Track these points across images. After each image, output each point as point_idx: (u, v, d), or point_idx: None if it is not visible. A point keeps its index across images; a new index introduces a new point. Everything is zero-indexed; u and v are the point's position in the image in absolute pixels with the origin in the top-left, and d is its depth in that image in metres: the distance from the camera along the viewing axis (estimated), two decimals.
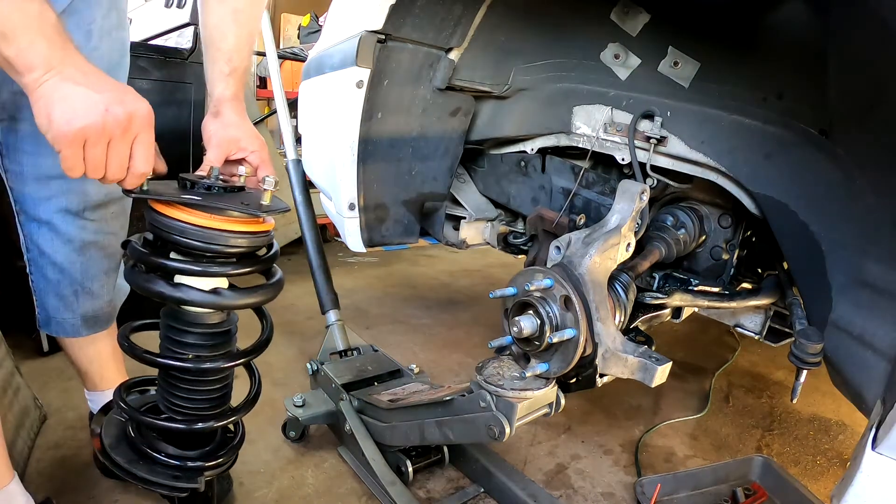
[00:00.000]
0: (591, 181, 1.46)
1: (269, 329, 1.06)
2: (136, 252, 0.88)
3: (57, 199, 1.12)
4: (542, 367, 1.01)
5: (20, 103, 1.07)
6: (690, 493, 1.42)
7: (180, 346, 0.95)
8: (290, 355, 2.12)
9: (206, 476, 0.99)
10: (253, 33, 1.04)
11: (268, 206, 0.86)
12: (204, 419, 1.00)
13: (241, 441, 1.10)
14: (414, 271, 3.39)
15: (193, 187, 0.86)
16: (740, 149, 1.12)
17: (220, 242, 0.85)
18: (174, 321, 0.94)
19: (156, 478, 0.97)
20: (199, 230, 0.83)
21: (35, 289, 1.22)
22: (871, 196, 0.92)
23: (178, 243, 0.84)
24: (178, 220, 0.83)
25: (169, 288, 0.86)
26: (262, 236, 0.91)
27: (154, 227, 0.86)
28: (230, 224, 0.85)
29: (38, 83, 0.71)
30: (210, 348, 0.96)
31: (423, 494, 1.41)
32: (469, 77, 1.46)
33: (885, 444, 0.74)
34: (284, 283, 1.00)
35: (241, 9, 1.00)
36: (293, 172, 1.90)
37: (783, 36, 1.02)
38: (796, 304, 1.08)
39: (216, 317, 0.96)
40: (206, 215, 0.83)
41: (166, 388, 0.99)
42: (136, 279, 0.88)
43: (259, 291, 0.94)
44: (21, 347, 1.85)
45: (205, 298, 0.87)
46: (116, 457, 0.98)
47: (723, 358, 2.36)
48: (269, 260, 0.97)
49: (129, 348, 0.96)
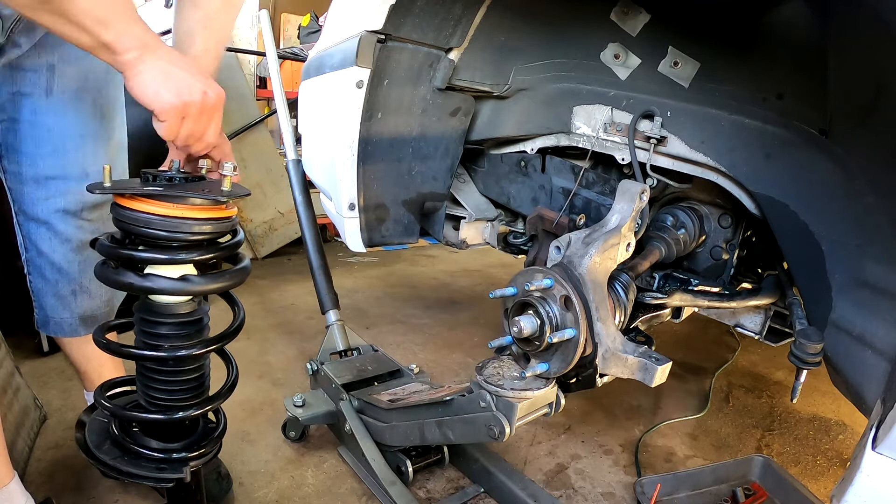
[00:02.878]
0: (591, 181, 1.46)
1: (241, 315, 1.07)
2: (105, 247, 0.90)
3: (55, 199, 1.12)
4: (542, 367, 1.01)
5: (20, 104, 1.07)
6: (690, 493, 1.42)
7: (154, 337, 0.97)
8: (290, 355, 2.12)
9: (191, 466, 1.00)
10: (222, 41, 1.07)
11: (228, 191, 0.88)
12: (183, 409, 1.01)
13: (224, 430, 1.11)
14: (414, 271, 3.39)
15: (155, 180, 0.89)
16: (740, 149, 1.12)
17: (184, 230, 0.87)
18: (147, 314, 0.97)
19: (141, 471, 0.98)
20: (162, 220, 0.85)
21: (33, 289, 1.22)
22: (871, 196, 0.92)
23: (144, 235, 0.87)
24: (142, 211, 0.85)
25: (138, 278, 0.88)
26: (225, 222, 0.93)
27: (120, 221, 0.88)
28: (192, 211, 0.87)
29: (139, 61, 0.81)
30: (183, 338, 0.98)
31: (423, 494, 1.41)
32: (469, 77, 1.46)
33: (885, 444, 0.74)
34: (251, 268, 1.02)
35: (213, 16, 1.02)
36: (293, 172, 1.90)
37: (783, 36, 1.02)
38: (796, 304, 1.08)
39: (187, 306, 0.98)
40: (168, 205, 0.86)
41: (145, 383, 1.01)
42: (107, 273, 0.90)
43: (225, 276, 0.96)
44: (21, 347, 1.85)
45: (174, 286, 0.89)
46: (102, 455, 1.00)
47: (723, 358, 2.36)
48: (234, 245, 0.98)
49: (104, 345, 0.98)
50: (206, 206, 0.89)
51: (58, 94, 1.08)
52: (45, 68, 1.06)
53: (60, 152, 1.11)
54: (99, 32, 0.77)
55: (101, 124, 1.16)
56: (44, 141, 1.09)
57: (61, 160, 1.11)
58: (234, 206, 0.96)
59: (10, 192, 1.15)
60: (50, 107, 1.08)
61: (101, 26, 0.77)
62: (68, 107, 1.10)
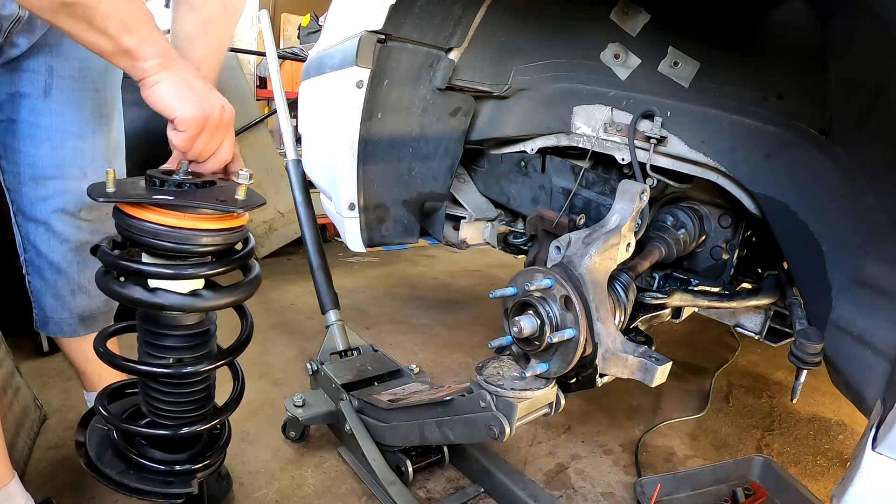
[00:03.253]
0: (591, 181, 1.46)
1: (250, 327, 1.03)
2: (107, 257, 0.84)
3: (53, 199, 1.12)
4: (542, 367, 1.01)
5: (18, 104, 1.07)
6: (690, 493, 1.42)
7: (159, 349, 0.92)
8: (290, 355, 2.12)
9: (199, 478, 0.98)
10: (223, 45, 1.05)
11: (244, 200, 0.83)
12: (188, 423, 0.97)
13: (229, 439, 1.09)
14: (414, 271, 3.39)
15: (163, 185, 0.82)
16: (740, 149, 1.12)
17: (195, 242, 0.81)
18: (151, 325, 0.91)
19: (148, 486, 0.94)
20: (171, 231, 0.79)
21: (32, 289, 1.22)
22: (870, 196, 0.92)
23: (151, 246, 0.81)
24: (150, 221, 0.79)
25: (145, 293, 0.82)
26: (238, 232, 0.88)
27: (124, 230, 0.82)
28: (206, 223, 0.82)
29: (159, 69, 0.81)
30: (190, 350, 0.93)
31: (423, 494, 1.41)
32: (469, 77, 1.46)
33: (885, 444, 0.74)
34: (261, 278, 0.97)
35: (212, 20, 1.00)
36: (293, 172, 1.90)
37: (783, 36, 1.02)
38: (796, 304, 1.08)
39: (194, 317, 0.93)
40: (179, 215, 0.79)
41: (148, 394, 0.96)
42: (109, 285, 0.83)
43: (238, 289, 0.90)
44: (21, 347, 1.85)
45: (183, 302, 0.84)
46: (105, 468, 0.95)
47: (723, 358, 2.36)
48: (247, 255, 0.93)
49: (106, 356, 0.93)
50: (219, 217, 0.83)
51: (56, 95, 1.08)
52: (44, 69, 1.06)
53: (59, 152, 1.11)
54: (122, 38, 0.77)
55: (100, 125, 1.16)
56: (42, 141, 1.09)
57: (59, 160, 1.11)
58: (247, 214, 0.90)
59: (8, 192, 1.15)
60: (48, 107, 1.08)
61: (125, 32, 0.76)
62: (66, 107, 1.10)
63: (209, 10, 0.99)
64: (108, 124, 1.19)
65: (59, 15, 0.74)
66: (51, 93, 1.08)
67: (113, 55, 0.79)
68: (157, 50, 0.80)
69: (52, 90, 1.08)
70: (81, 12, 0.73)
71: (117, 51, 0.78)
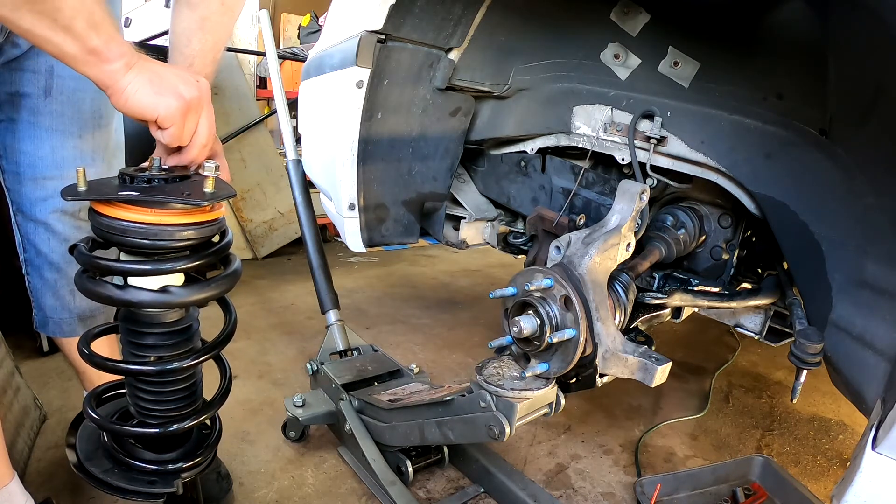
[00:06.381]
0: (591, 181, 1.46)
1: (233, 321, 1.01)
2: (82, 256, 0.84)
3: (53, 199, 1.13)
4: (542, 367, 1.01)
5: (18, 105, 1.07)
6: (690, 493, 1.42)
7: (141, 348, 0.91)
8: (290, 355, 2.12)
9: (183, 478, 0.96)
10: (219, 43, 1.02)
11: (212, 193, 0.81)
12: (175, 420, 0.96)
13: (219, 436, 1.07)
14: (414, 271, 3.39)
15: (133, 181, 0.81)
16: (740, 149, 1.12)
17: (164, 238, 0.80)
18: (131, 323, 0.90)
19: (131, 486, 0.93)
20: (140, 227, 0.79)
21: (32, 289, 1.22)
22: (871, 196, 0.92)
23: (121, 243, 0.81)
24: (118, 218, 0.78)
25: (116, 291, 0.81)
26: (211, 225, 0.86)
27: (97, 228, 0.82)
28: (174, 217, 0.80)
29: (126, 69, 0.75)
30: (170, 347, 0.92)
31: (423, 494, 1.41)
32: (469, 77, 1.46)
33: (885, 444, 0.74)
34: (241, 272, 0.95)
35: (210, 17, 0.98)
36: (293, 172, 1.90)
37: (783, 36, 1.02)
38: (796, 304, 1.08)
39: (174, 314, 0.92)
40: (146, 210, 0.78)
41: (134, 393, 0.96)
42: (84, 284, 0.83)
43: (211, 285, 0.89)
44: (21, 347, 1.85)
45: (154, 298, 0.83)
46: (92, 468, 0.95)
47: (723, 358, 2.36)
48: (222, 250, 0.91)
49: (88, 357, 0.92)
50: (187, 211, 0.81)
51: (56, 95, 1.08)
52: (45, 69, 1.06)
53: (59, 152, 1.11)
54: (89, 37, 0.71)
55: (99, 125, 1.16)
56: (42, 141, 1.09)
57: (60, 160, 1.11)
58: (221, 207, 0.88)
59: (8, 192, 1.15)
60: (48, 107, 1.08)
61: (93, 30, 0.71)
62: (67, 107, 1.10)
63: (207, 8, 0.99)
64: (109, 124, 1.19)
65: (21, 11, 0.67)
66: (51, 93, 1.08)
67: (77, 58, 0.73)
68: (122, 49, 0.75)
69: (52, 90, 1.08)
70: (47, 7, 0.67)
71: (82, 52, 0.72)
